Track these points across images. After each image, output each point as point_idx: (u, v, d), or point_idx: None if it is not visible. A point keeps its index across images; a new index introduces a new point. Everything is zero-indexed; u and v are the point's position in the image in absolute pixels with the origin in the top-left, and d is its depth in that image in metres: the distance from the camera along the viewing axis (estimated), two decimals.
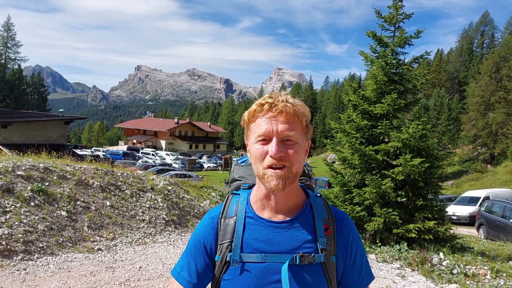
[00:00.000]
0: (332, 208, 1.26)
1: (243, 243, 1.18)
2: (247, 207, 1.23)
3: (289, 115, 1.13)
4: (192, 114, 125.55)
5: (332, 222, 1.21)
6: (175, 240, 9.77)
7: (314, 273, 1.15)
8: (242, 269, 1.17)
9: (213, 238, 1.23)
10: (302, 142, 1.17)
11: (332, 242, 1.19)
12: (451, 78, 69.26)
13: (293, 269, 1.14)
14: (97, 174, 10.84)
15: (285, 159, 1.11)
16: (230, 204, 1.26)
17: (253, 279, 1.15)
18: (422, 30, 8.22)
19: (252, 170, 1.36)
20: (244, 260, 1.17)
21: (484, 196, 20.36)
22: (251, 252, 1.17)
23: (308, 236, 1.17)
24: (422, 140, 7.78)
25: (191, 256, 1.25)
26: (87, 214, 8.83)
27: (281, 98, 1.15)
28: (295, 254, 1.14)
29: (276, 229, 1.17)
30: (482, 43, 76.35)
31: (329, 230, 1.19)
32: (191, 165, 45.92)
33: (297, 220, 1.19)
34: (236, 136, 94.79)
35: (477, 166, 42.36)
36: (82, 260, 7.07)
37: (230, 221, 1.21)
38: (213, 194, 16.95)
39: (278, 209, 1.19)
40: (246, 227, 1.19)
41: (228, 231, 1.20)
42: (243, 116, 1.22)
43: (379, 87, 8.11)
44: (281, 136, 1.12)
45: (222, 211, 1.25)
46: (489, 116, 44.42)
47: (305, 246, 1.16)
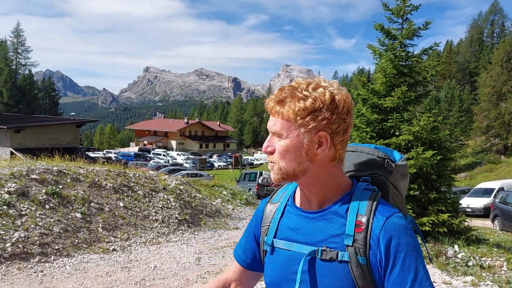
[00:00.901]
0: (382, 206, 1.09)
1: (278, 229, 1.19)
2: (291, 195, 1.23)
3: (272, 110, 1.09)
4: (201, 114, 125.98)
5: (368, 219, 1.05)
6: (188, 239, 9.83)
7: (337, 272, 1.06)
8: (273, 253, 1.19)
9: (259, 221, 1.27)
10: (293, 136, 1.07)
11: (363, 241, 1.04)
12: (462, 69, 68.48)
13: (314, 262, 1.10)
14: (109, 176, 10.95)
15: (271, 154, 1.10)
16: (279, 191, 1.29)
17: (279, 266, 1.17)
18: (431, 21, 8.14)
19: None
20: (275, 245, 1.18)
21: (499, 188, 20.12)
22: (282, 239, 1.17)
23: (337, 231, 1.08)
24: (433, 133, 7.70)
25: (244, 236, 1.34)
26: (101, 215, 8.93)
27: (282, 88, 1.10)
28: (319, 247, 1.09)
29: (306, 219, 1.14)
30: (492, 32, 75.28)
31: (361, 227, 1.05)
32: (202, 164, 46.12)
33: (328, 212, 1.11)
34: (246, 135, 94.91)
35: (491, 157, 41.85)
36: (97, 261, 7.15)
37: (272, 207, 1.24)
38: (224, 193, 17.02)
39: (309, 199, 1.15)
40: (284, 214, 1.20)
41: (268, 216, 1.23)
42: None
43: (389, 80, 8.05)
44: (270, 131, 1.11)
45: (271, 197, 1.29)
46: (502, 106, 43.84)
47: (331, 241, 1.08)
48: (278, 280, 1.16)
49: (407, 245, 1.02)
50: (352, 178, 1.17)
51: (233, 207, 14.97)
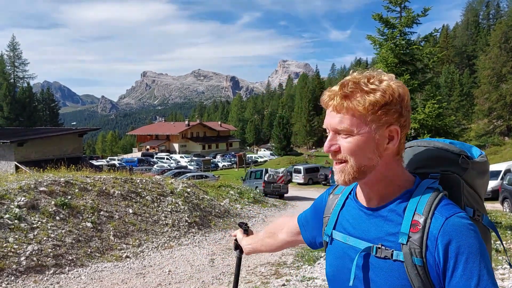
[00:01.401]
0: (444, 206, 1.02)
1: (337, 221, 1.20)
2: (353, 188, 1.21)
3: (337, 106, 1.03)
4: (202, 115, 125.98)
5: (426, 219, 1.00)
6: (200, 241, 9.84)
7: (393, 271, 1.03)
8: (331, 244, 1.21)
9: (322, 210, 1.30)
10: (364, 132, 1.03)
11: (419, 242, 0.99)
12: (459, 53, 68.29)
13: (369, 259, 1.08)
14: (117, 183, 10.96)
15: (339, 153, 1.05)
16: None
17: (336, 257, 1.18)
18: (429, 8, 8.08)
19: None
20: (334, 237, 1.20)
21: (505, 169, 20.05)
22: (340, 231, 1.18)
23: (393, 229, 1.05)
24: (439, 119, 7.67)
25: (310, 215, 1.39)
26: (112, 223, 8.94)
27: (339, 87, 1.06)
28: (374, 244, 1.07)
29: (364, 214, 1.13)
30: (488, 14, 75.01)
31: (417, 226, 1.00)
32: (206, 166, 46.11)
33: (386, 210, 1.08)
34: (248, 133, 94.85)
35: (494, 139, 41.78)
36: (112, 269, 7.16)
37: (334, 198, 1.26)
38: (232, 192, 17.03)
39: (368, 196, 1.13)
40: (345, 206, 1.21)
41: (330, 207, 1.25)
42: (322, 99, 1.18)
43: (391, 70, 8.00)
44: (334, 130, 1.05)
45: (334, 188, 1.30)
46: (502, 87, 43.70)
47: (386, 239, 1.05)
48: (335, 271, 1.18)
49: (469, 247, 0.95)
50: (415, 175, 1.12)
51: (241, 206, 14.97)
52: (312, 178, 31.60)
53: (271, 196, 20.36)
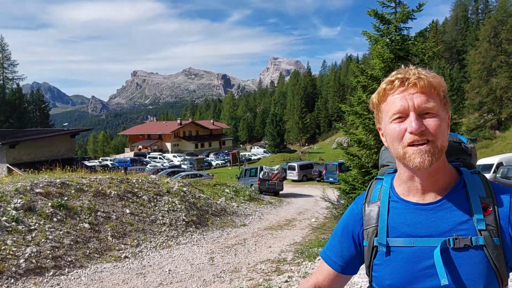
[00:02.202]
0: (494, 185, 1.11)
1: (388, 227, 1.14)
2: (391, 191, 1.18)
3: (424, 87, 1.04)
4: (193, 114, 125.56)
5: (492, 200, 1.07)
6: (198, 240, 9.82)
7: (474, 258, 1.05)
8: (389, 253, 1.13)
9: (359, 223, 1.22)
10: (443, 114, 1.07)
11: (494, 223, 1.05)
12: (449, 48, 68.69)
13: (447, 253, 1.06)
14: (113, 184, 10.89)
15: (427, 133, 1.03)
16: (373, 189, 1.24)
17: (402, 264, 1.11)
18: (424, 3, 8.09)
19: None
20: (391, 245, 1.13)
21: (497, 163, 20.20)
22: (398, 236, 1.12)
23: (463, 217, 1.07)
24: None
25: (338, 240, 1.27)
26: (109, 224, 8.89)
27: (412, 72, 1.07)
28: (448, 237, 1.06)
29: (423, 212, 1.10)
30: (477, 9, 75.52)
31: (488, 209, 1.06)
32: (200, 164, 45.97)
33: (447, 200, 1.09)
34: (241, 131, 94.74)
35: (485, 133, 42.09)
36: (111, 270, 7.12)
37: (373, 206, 1.20)
38: (227, 191, 17.02)
39: (424, 190, 1.11)
40: (391, 211, 1.15)
41: (372, 216, 1.18)
42: (371, 99, 1.15)
43: (387, 65, 8.02)
44: (419, 110, 1.04)
45: (365, 197, 1.24)
46: (492, 81, 44.03)
47: (459, 228, 1.06)
48: (405, 279, 1.11)
49: None
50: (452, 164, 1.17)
51: (237, 204, 14.97)
52: (306, 174, 31.65)
53: (266, 193, 20.36)
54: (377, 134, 7.60)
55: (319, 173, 30.22)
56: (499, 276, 1.05)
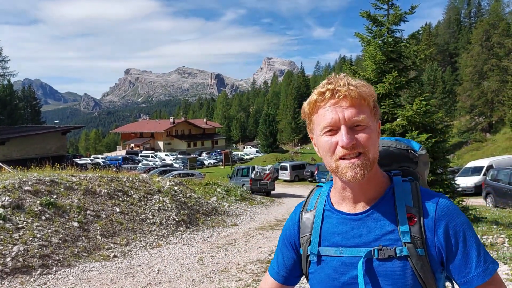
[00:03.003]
0: (426, 193, 1.09)
1: (321, 237, 1.14)
2: (327, 200, 1.18)
3: (354, 99, 1.03)
4: (186, 112, 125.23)
5: (418, 210, 1.05)
6: (188, 240, 9.78)
7: (398, 269, 1.03)
8: (320, 262, 1.13)
9: (296, 232, 1.21)
10: (373, 125, 1.06)
11: (419, 233, 1.03)
12: (442, 51, 69.13)
13: (372, 263, 1.05)
14: (103, 182, 10.81)
15: (358, 145, 1.02)
16: (312, 197, 1.24)
17: (331, 273, 1.11)
18: (417, 5, 8.13)
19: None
20: (322, 254, 1.13)
21: (488, 165, 20.39)
22: (328, 246, 1.12)
23: (389, 227, 1.06)
24: (426, 116, 7.76)
25: (279, 250, 1.26)
26: (99, 223, 8.82)
27: (342, 82, 1.05)
28: (374, 247, 1.05)
29: (352, 221, 1.10)
30: (469, 12, 76.06)
31: (413, 219, 1.04)
32: (192, 163, 45.89)
33: (375, 210, 1.08)
34: (233, 130, 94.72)
35: (476, 135, 42.51)
36: (100, 269, 7.06)
37: (309, 215, 1.19)
38: (219, 190, 16.98)
39: (355, 200, 1.11)
40: (324, 220, 1.15)
41: (307, 225, 1.18)
42: (303, 108, 1.13)
43: (379, 67, 8.05)
44: (349, 123, 1.02)
45: (303, 205, 1.23)
46: (484, 85, 44.45)
47: (384, 238, 1.05)
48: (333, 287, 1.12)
49: (462, 223, 1.04)
50: (386, 173, 1.16)
51: (228, 204, 14.94)
52: (298, 175, 31.73)
53: (258, 193, 20.35)
54: None
55: (311, 173, 30.32)
56: (425, 286, 1.04)
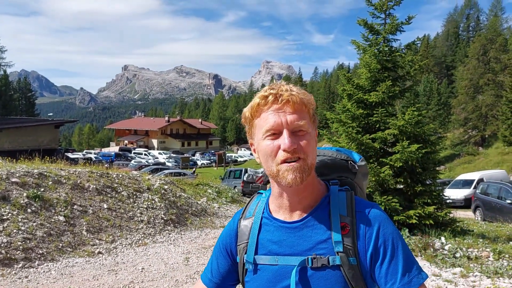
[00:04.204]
0: (360, 202, 1.12)
1: (258, 245, 1.13)
2: (265, 207, 1.17)
3: (296, 104, 1.04)
4: (182, 112, 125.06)
5: (351, 219, 1.07)
6: (175, 239, 9.72)
7: (331, 278, 1.04)
8: (256, 271, 1.12)
9: (234, 239, 1.20)
10: (313, 132, 1.09)
11: (351, 242, 1.05)
12: (439, 63, 69.61)
13: (306, 272, 1.06)
14: (92, 177, 10.73)
15: (299, 150, 1.03)
16: (251, 204, 1.22)
17: (266, 282, 1.10)
18: (413, 16, 8.18)
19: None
20: (258, 262, 1.12)
21: (478, 179, 20.53)
22: (265, 254, 1.11)
23: (323, 236, 1.07)
24: (418, 126, 7.78)
25: (214, 257, 1.24)
26: (85, 218, 8.75)
27: (285, 88, 1.07)
28: (308, 256, 1.06)
29: (288, 230, 1.10)
30: (468, 26, 76.73)
31: (346, 228, 1.06)
32: (185, 163, 45.78)
33: (310, 219, 1.09)
34: (229, 132, 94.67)
35: (469, 149, 42.71)
36: (83, 265, 7.00)
37: (247, 222, 1.18)
38: (210, 191, 16.92)
39: (292, 208, 1.11)
40: (262, 228, 1.14)
41: (244, 232, 1.16)
42: (244, 113, 1.12)
43: (373, 75, 8.07)
44: (291, 127, 1.04)
45: (242, 212, 1.22)
46: (479, 98, 44.76)
47: (318, 247, 1.06)
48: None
49: (392, 233, 1.06)
50: (324, 181, 1.18)
51: (218, 206, 14.88)
52: None
53: (249, 196, 20.32)
54: (359, 143, 7.63)
55: None
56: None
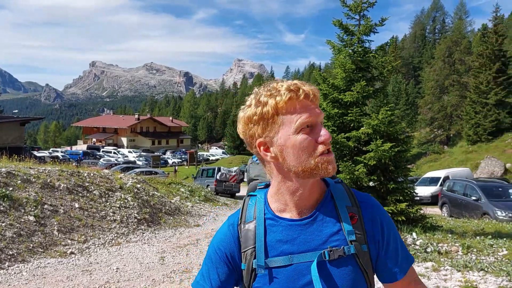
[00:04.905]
0: (355, 192, 1.17)
1: (266, 248, 1.10)
2: (265, 208, 1.15)
3: (318, 99, 1.09)
4: (152, 109, 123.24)
5: (357, 209, 1.12)
6: (149, 239, 9.62)
7: (347, 267, 1.07)
8: (270, 275, 1.09)
9: (235, 246, 1.15)
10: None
11: (361, 230, 1.09)
12: (406, 64, 71.41)
13: (324, 266, 1.07)
14: (62, 176, 10.47)
15: (330, 142, 1.08)
16: (247, 207, 1.18)
17: (283, 284, 1.08)
18: (386, 18, 8.39)
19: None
20: (271, 266, 1.09)
21: (444, 176, 21.25)
22: (277, 256, 1.09)
23: (334, 228, 1.09)
24: (391, 126, 8.00)
25: (212, 266, 1.17)
26: (56, 218, 8.53)
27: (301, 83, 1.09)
28: (323, 249, 1.07)
29: (299, 227, 1.10)
30: (434, 28, 79.15)
31: (355, 218, 1.10)
32: (156, 162, 45.18)
33: (319, 213, 1.11)
34: (200, 130, 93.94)
35: (435, 147, 44.05)
36: (55, 265, 6.83)
37: (250, 226, 1.14)
38: (182, 190, 16.81)
39: (301, 204, 1.11)
40: (267, 229, 1.12)
41: (249, 237, 1.12)
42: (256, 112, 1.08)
43: (348, 75, 8.23)
44: (321, 120, 1.07)
45: (240, 216, 1.17)
46: (444, 99, 46.29)
47: (332, 240, 1.08)
48: None
49: (390, 220, 1.17)
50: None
51: (192, 204, 14.81)
52: None
53: (222, 194, 20.29)
54: (334, 142, 7.75)
55: None
56: (368, 281, 1.11)
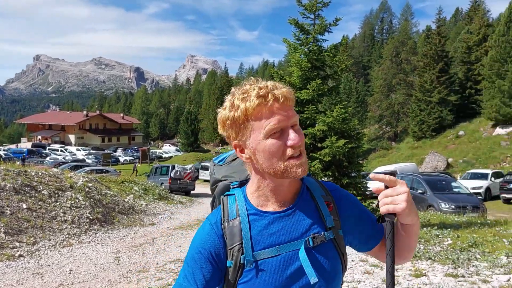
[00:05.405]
0: (324, 183, 1.27)
1: (253, 242, 1.13)
2: (246, 205, 1.18)
3: (291, 101, 1.10)
4: (102, 106, 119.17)
5: (331, 197, 1.21)
6: (102, 239, 9.37)
7: (328, 251, 1.15)
8: (258, 267, 1.12)
9: (221, 244, 1.15)
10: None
11: (336, 216, 1.19)
12: (356, 63, 73.46)
13: (310, 252, 1.13)
14: (8, 176, 9.96)
15: (301, 144, 1.09)
16: (228, 205, 1.20)
17: (272, 274, 1.12)
18: (340, 18, 8.64)
19: (236, 167, 1.34)
20: (258, 258, 1.13)
21: (392, 171, 22.19)
22: (264, 248, 1.13)
23: (313, 216, 1.17)
24: (344, 123, 8.26)
25: (196, 266, 1.15)
26: (2, 219, 8.12)
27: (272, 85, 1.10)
28: (307, 237, 1.13)
29: (282, 219, 1.15)
30: (382, 29, 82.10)
31: (330, 205, 1.20)
32: (106, 160, 43.80)
33: (299, 204, 1.18)
34: (152, 127, 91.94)
35: (383, 143, 45.86)
36: (3, 269, 6.51)
37: (234, 223, 1.16)
38: (136, 189, 16.46)
39: (281, 198, 1.17)
40: (252, 224, 1.15)
41: (235, 233, 1.14)
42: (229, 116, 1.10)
43: (304, 74, 8.40)
44: (291, 123, 1.09)
45: (222, 215, 1.19)
46: (392, 97, 48.25)
47: (313, 228, 1.15)
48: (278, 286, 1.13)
49: (351, 195, 1.30)
50: None
51: (146, 203, 14.55)
52: None
53: (177, 192, 20.05)
54: None
55: None
56: (344, 262, 1.21)
